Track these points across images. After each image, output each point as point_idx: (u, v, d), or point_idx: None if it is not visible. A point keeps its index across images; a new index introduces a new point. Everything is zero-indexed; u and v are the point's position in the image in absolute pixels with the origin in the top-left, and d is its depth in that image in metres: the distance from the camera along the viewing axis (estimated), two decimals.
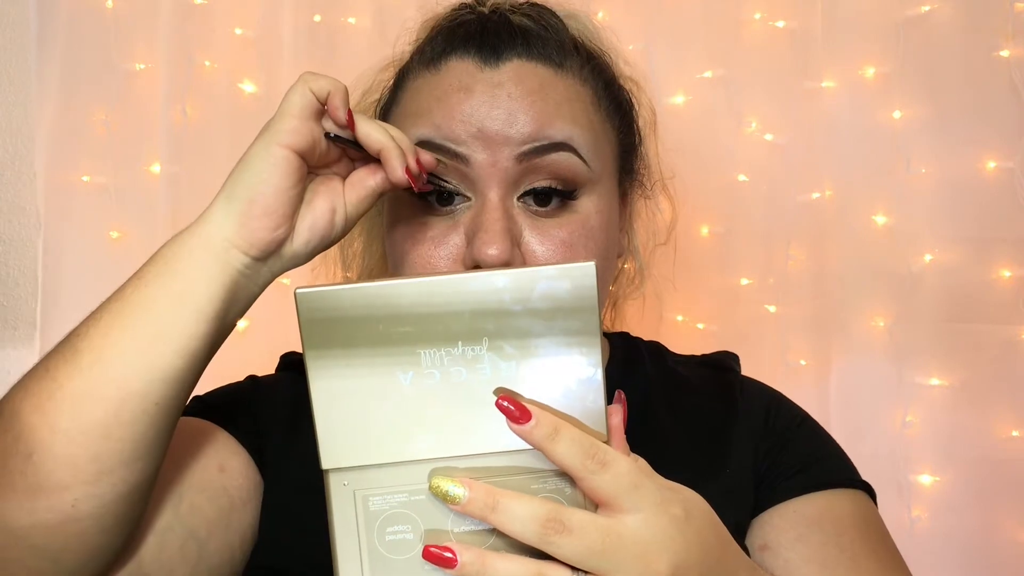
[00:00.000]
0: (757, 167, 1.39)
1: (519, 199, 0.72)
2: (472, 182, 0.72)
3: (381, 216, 0.81)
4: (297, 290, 0.50)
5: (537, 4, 0.81)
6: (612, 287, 0.93)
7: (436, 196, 0.73)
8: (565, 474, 0.52)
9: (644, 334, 0.92)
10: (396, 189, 0.68)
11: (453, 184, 0.72)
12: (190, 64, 1.37)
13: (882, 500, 0.80)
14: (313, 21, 1.40)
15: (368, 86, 0.87)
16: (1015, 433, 1.30)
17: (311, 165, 0.64)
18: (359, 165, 0.68)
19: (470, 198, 0.72)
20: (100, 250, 1.35)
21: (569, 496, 0.53)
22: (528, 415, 0.50)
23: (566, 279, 0.51)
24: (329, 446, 0.52)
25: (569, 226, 0.72)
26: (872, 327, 1.36)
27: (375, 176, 0.66)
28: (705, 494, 0.56)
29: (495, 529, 0.51)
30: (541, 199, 0.72)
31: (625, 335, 0.92)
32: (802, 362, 1.38)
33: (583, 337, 0.51)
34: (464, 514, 0.52)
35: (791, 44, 1.39)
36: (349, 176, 0.67)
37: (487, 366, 0.51)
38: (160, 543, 0.67)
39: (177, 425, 0.64)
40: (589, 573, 0.50)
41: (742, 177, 1.39)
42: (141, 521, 0.66)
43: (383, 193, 0.68)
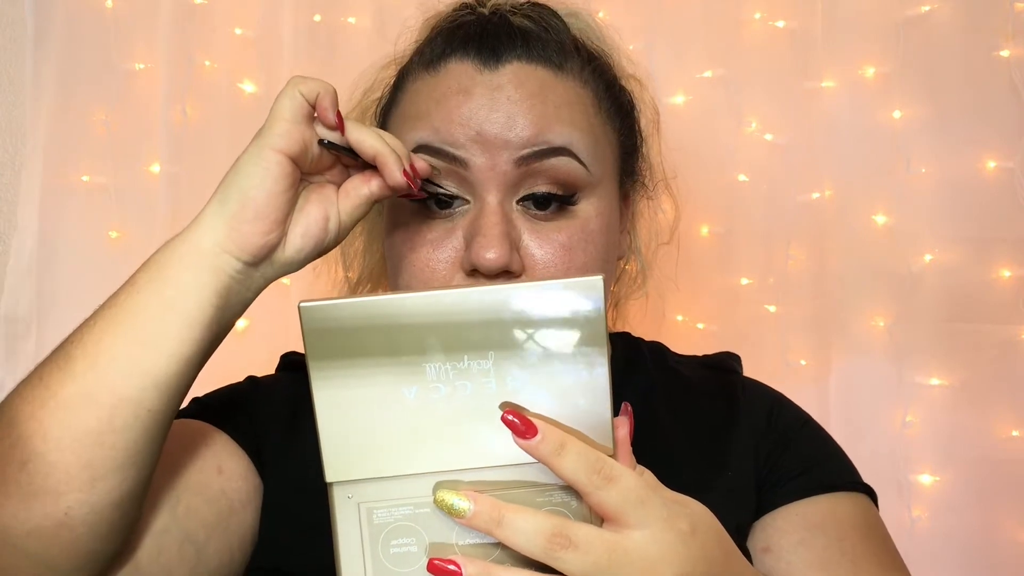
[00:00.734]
0: (757, 167, 1.39)
1: (518, 203, 0.72)
2: (471, 185, 0.71)
3: (382, 216, 0.81)
4: (301, 303, 0.50)
5: (538, 4, 0.81)
6: (614, 287, 0.93)
7: (435, 200, 0.72)
8: (571, 488, 0.52)
9: (646, 334, 0.93)
10: (390, 196, 0.68)
11: (452, 189, 0.72)
12: (190, 64, 1.36)
13: (882, 500, 0.81)
14: (313, 21, 1.39)
15: (369, 84, 0.87)
16: (1015, 433, 1.30)
17: (304, 171, 0.64)
18: (353, 172, 0.68)
19: (468, 201, 0.72)
20: (99, 250, 1.35)
21: (575, 510, 0.53)
22: (534, 429, 0.50)
23: (573, 293, 0.51)
24: (333, 459, 0.52)
25: (568, 230, 0.72)
26: (872, 327, 1.36)
27: (369, 183, 0.67)
28: (706, 495, 0.56)
29: (500, 542, 0.51)
30: (540, 203, 0.72)
31: (626, 335, 0.92)
32: (802, 362, 1.38)
33: (590, 350, 0.51)
34: (469, 527, 0.51)
35: (791, 44, 1.38)
36: (343, 184, 0.67)
37: (493, 380, 0.51)
38: (158, 546, 0.67)
39: (175, 427, 0.64)
40: None
41: (742, 177, 1.39)
42: (138, 525, 0.66)
43: (377, 200, 0.68)
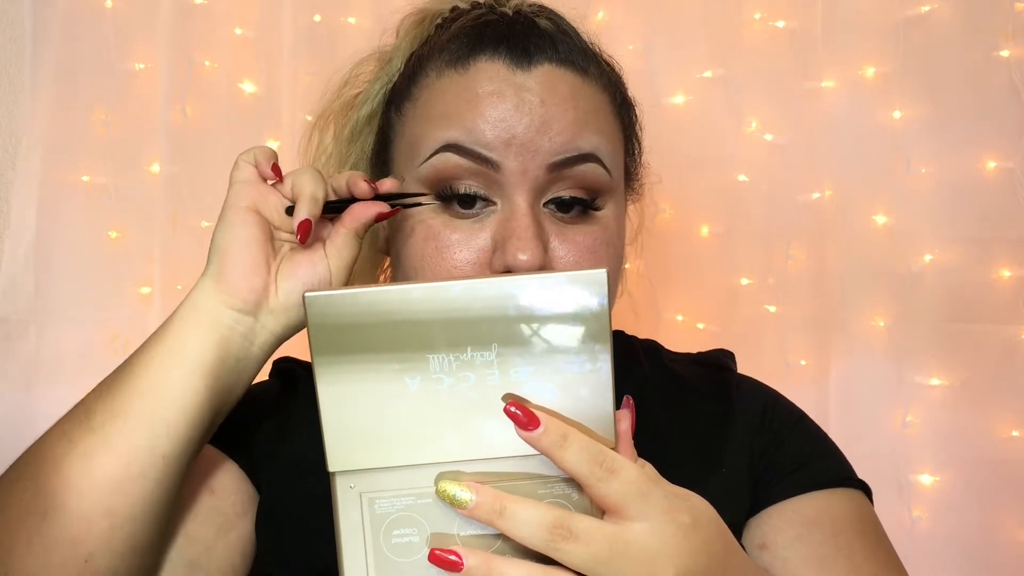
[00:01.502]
0: (757, 167, 1.39)
1: (544, 205, 0.72)
2: (500, 187, 0.71)
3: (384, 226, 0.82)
4: (306, 293, 0.51)
5: (552, 10, 0.81)
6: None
7: (458, 200, 0.72)
8: (572, 480, 0.52)
9: (642, 333, 0.92)
10: (368, 224, 0.69)
11: (426, 200, 0.73)
12: (190, 64, 1.36)
13: (882, 500, 0.80)
14: (313, 21, 1.39)
15: (344, 80, 0.87)
16: (1015, 433, 1.30)
17: (275, 225, 0.68)
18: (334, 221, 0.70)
19: (495, 203, 0.72)
20: (99, 250, 1.34)
21: (576, 502, 0.53)
22: (536, 421, 0.50)
23: (578, 286, 0.51)
24: (336, 449, 0.52)
25: (592, 233, 0.73)
26: (872, 327, 1.36)
27: (343, 220, 0.69)
28: (701, 492, 0.56)
29: (501, 533, 0.51)
30: (564, 207, 0.73)
31: (620, 333, 0.92)
32: (802, 362, 1.38)
33: (593, 343, 0.51)
34: (471, 518, 0.52)
35: (791, 44, 1.39)
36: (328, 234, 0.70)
37: (496, 371, 0.51)
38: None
39: None
40: None
41: (742, 177, 1.39)
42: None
43: (360, 233, 0.69)
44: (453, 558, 0.51)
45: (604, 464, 0.50)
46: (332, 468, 0.53)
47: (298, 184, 0.67)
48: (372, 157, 0.83)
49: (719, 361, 0.89)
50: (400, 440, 0.52)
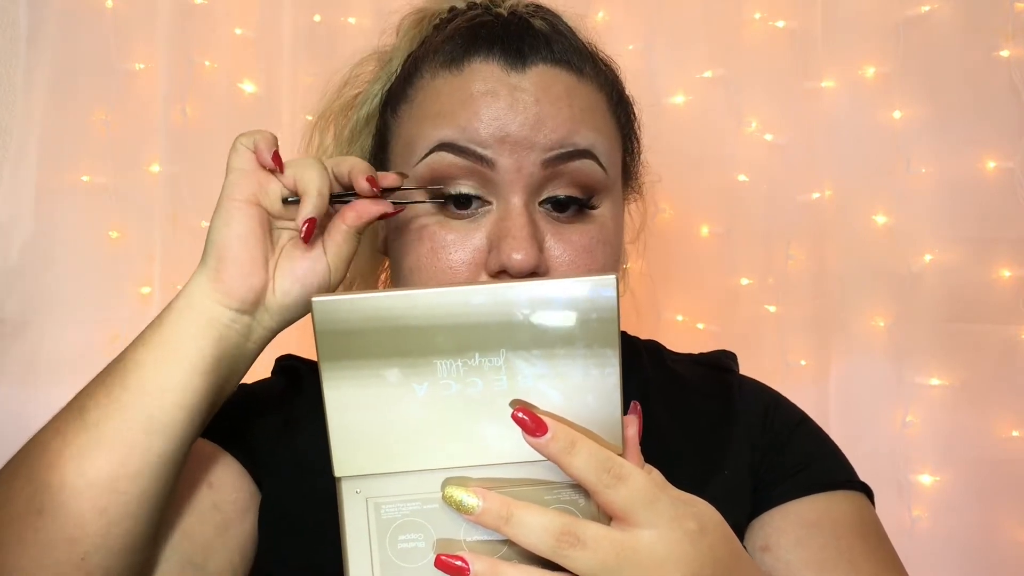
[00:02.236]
0: (757, 167, 1.39)
1: (540, 204, 0.72)
2: (495, 186, 0.71)
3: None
4: (314, 299, 0.51)
5: (548, 9, 0.81)
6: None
7: (454, 201, 0.72)
8: (579, 486, 0.52)
9: (643, 333, 0.92)
10: (369, 222, 0.69)
11: (419, 198, 0.72)
12: (190, 64, 1.36)
13: (882, 500, 0.80)
14: (313, 21, 1.39)
15: (343, 81, 0.87)
16: (1015, 433, 1.30)
17: (274, 215, 0.67)
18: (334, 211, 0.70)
19: (491, 203, 0.72)
20: (99, 250, 1.34)
21: (583, 508, 0.53)
22: (544, 428, 0.50)
23: (587, 291, 0.51)
24: (342, 454, 0.52)
25: (588, 232, 0.73)
26: (872, 327, 1.36)
27: (344, 217, 0.68)
28: (703, 494, 0.56)
29: (508, 540, 0.51)
30: (560, 206, 0.72)
31: (623, 334, 0.92)
32: (802, 362, 1.38)
33: (602, 349, 0.51)
34: (477, 524, 0.51)
35: (791, 44, 1.39)
36: (328, 225, 0.69)
37: (504, 377, 0.51)
38: (160, 574, 0.68)
39: None
40: None
41: (742, 177, 1.39)
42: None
43: (359, 231, 0.69)
44: (459, 563, 0.50)
45: (612, 471, 0.50)
46: (338, 473, 0.52)
47: (303, 179, 0.66)
48: (370, 158, 0.83)
49: (721, 362, 0.89)
50: (407, 445, 0.52)
